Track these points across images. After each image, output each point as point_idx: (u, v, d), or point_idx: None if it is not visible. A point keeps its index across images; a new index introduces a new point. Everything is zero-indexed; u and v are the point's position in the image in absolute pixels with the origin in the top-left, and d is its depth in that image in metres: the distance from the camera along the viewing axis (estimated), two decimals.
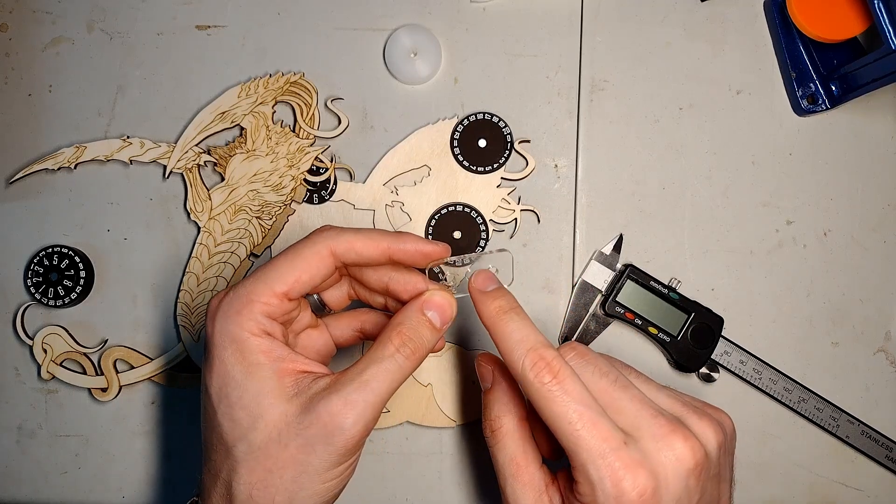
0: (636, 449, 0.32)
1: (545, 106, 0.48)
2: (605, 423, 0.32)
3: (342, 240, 0.35)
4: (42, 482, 0.48)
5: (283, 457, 0.33)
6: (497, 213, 0.48)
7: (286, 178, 0.47)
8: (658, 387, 0.36)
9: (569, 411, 0.32)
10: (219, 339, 0.34)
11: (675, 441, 0.32)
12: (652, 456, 0.32)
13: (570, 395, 0.33)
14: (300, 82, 0.48)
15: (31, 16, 0.49)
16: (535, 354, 0.34)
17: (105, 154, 0.48)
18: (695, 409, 0.35)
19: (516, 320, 0.35)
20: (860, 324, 0.48)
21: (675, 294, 0.46)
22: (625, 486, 0.31)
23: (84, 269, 0.47)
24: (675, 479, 0.32)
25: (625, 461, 0.32)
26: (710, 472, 0.34)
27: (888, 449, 0.47)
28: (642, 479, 0.31)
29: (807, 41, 0.47)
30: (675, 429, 0.33)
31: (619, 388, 0.34)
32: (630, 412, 0.33)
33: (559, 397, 0.33)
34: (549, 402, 0.33)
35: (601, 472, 0.32)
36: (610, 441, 0.32)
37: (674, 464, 0.32)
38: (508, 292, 0.37)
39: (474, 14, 0.49)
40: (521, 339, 0.34)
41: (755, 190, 0.48)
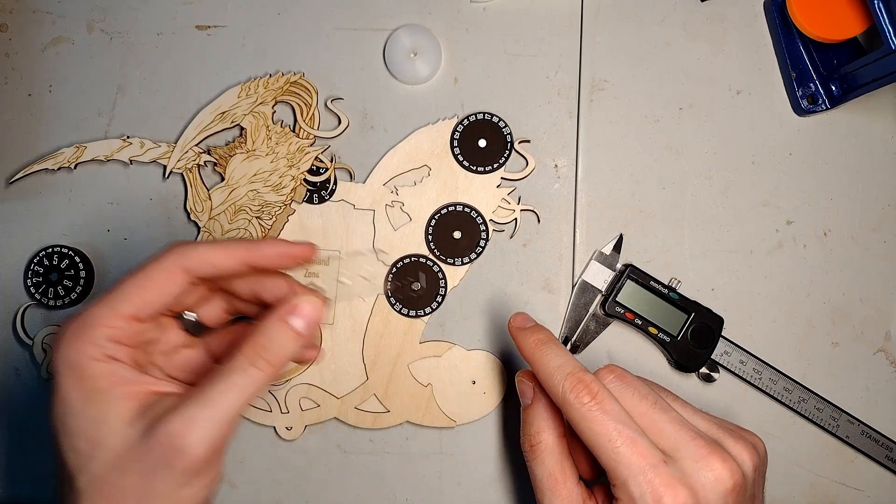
0: (676, 468, 0.33)
1: (545, 106, 0.48)
2: (645, 441, 0.33)
3: (194, 255, 0.34)
4: (42, 482, 0.48)
5: (125, 485, 0.31)
6: (497, 213, 0.48)
7: (286, 178, 0.47)
8: (694, 410, 0.37)
9: (609, 430, 0.33)
10: (59, 366, 0.32)
11: (715, 462, 0.33)
12: (692, 475, 0.33)
13: (610, 414, 0.33)
14: (300, 82, 0.48)
15: (31, 16, 0.49)
16: (574, 378, 0.35)
17: (105, 154, 0.48)
18: (730, 432, 0.36)
19: (554, 349, 0.37)
20: (860, 324, 0.48)
21: (675, 294, 0.46)
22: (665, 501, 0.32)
23: (84, 269, 0.47)
24: (714, 499, 0.33)
25: (665, 478, 0.32)
26: (746, 493, 0.34)
27: (888, 449, 0.47)
28: (682, 496, 0.32)
29: (807, 41, 0.47)
30: (713, 450, 0.33)
31: (658, 411, 0.35)
32: (670, 434, 0.34)
33: (599, 417, 0.33)
34: (590, 421, 0.33)
35: (642, 488, 0.32)
36: (650, 458, 0.33)
37: (713, 484, 0.33)
38: (544, 327, 0.39)
39: (474, 14, 0.49)
40: (560, 366, 0.36)
41: (755, 190, 0.48)
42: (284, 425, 0.47)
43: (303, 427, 0.47)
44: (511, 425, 0.47)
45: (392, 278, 0.47)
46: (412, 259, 0.47)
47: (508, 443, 0.47)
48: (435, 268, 0.47)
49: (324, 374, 0.47)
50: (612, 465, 0.33)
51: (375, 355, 0.47)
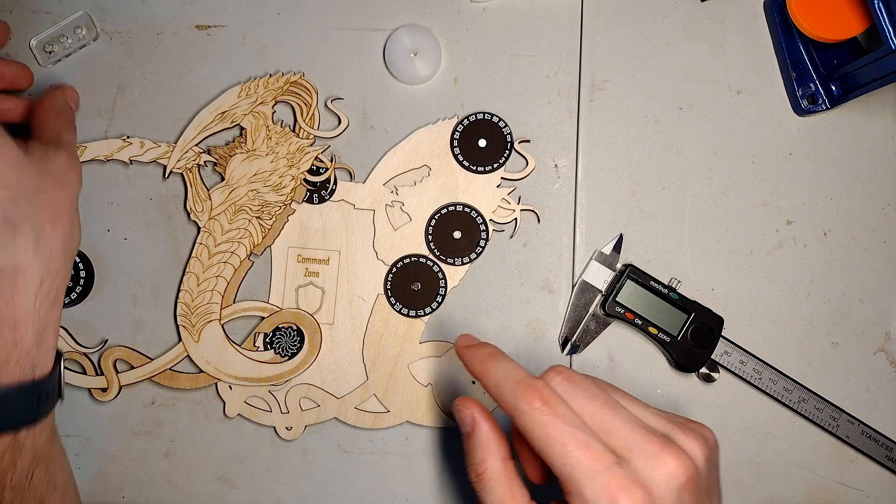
0: (629, 469, 0.32)
1: (545, 106, 0.48)
2: (597, 444, 0.33)
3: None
4: None
5: None
6: (497, 212, 0.48)
7: (286, 177, 0.47)
8: (644, 405, 0.37)
9: (561, 435, 0.33)
10: None
11: (667, 458, 0.33)
12: (645, 474, 0.32)
13: (562, 419, 0.33)
14: (300, 82, 0.48)
15: (31, 16, 0.49)
16: (524, 384, 0.34)
17: (105, 154, 0.48)
18: (680, 426, 0.35)
19: (502, 360, 0.36)
20: (860, 324, 0.48)
21: (675, 294, 0.46)
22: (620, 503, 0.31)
23: (84, 269, 0.47)
24: (669, 496, 0.32)
25: (619, 480, 0.32)
26: (702, 483, 0.34)
27: (888, 449, 0.47)
28: (638, 497, 0.32)
29: (807, 41, 0.47)
30: (665, 447, 0.33)
31: (608, 410, 0.34)
32: (621, 433, 0.34)
33: (551, 422, 0.33)
34: (542, 427, 0.33)
35: (597, 493, 0.32)
36: (603, 461, 0.32)
37: (667, 481, 0.32)
38: (490, 343, 0.38)
39: (474, 14, 0.49)
40: (508, 375, 0.35)
41: (755, 190, 0.48)
42: (284, 425, 0.47)
43: (303, 427, 0.47)
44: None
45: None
46: (412, 259, 0.47)
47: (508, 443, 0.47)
48: (435, 268, 0.47)
49: (324, 374, 0.47)
50: (566, 472, 0.33)
51: (375, 355, 0.47)
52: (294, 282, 0.47)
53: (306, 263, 0.48)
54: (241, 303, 0.47)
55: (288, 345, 0.47)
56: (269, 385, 0.47)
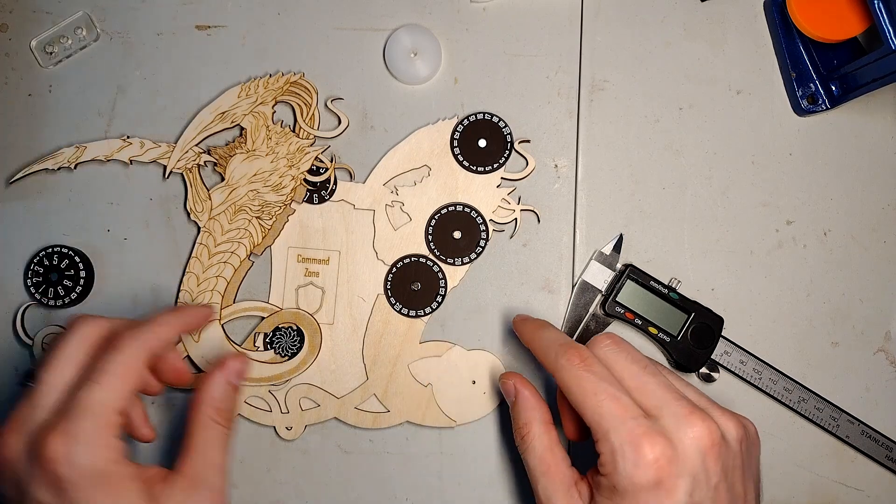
0: (657, 423, 0.34)
1: (545, 106, 0.48)
2: (627, 399, 0.35)
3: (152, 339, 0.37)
4: None
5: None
6: (497, 213, 0.48)
7: (286, 178, 0.47)
8: (687, 383, 0.38)
9: (594, 386, 0.35)
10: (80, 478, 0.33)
11: (695, 421, 0.34)
12: (671, 430, 0.34)
13: (596, 374, 0.36)
14: (300, 82, 0.48)
15: (30, 16, 0.49)
16: (566, 346, 0.38)
17: (105, 154, 0.48)
18: (719, 407, 0.37)
19: (550, 329, 0.41)
20: (860, 324, 0.48)
21: (675, 294, 0.46)
22: (644, 451, 0.33)
23: (84, 269, 0.47)
24: (692, 454, 0.34)
25: (644, 429, 0.34)
26: (730, 460, 0.35)
27: (888, 449, 0.47)
28: (660, 445, 0.33)
29: (807, 41, 0.47)
30: (695, 411, 0.35)
31: (648, 374, 0.37)
32: (655, 394, 0.36)
33: (586, 376, 0.36)
34: (578, 380, 0.36)
35: (622, 438, 0.34)
36: (631, 412, 0.35)
37: (691, 440, 0.34)
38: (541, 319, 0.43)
39: (474, 14, 0.49)
40: (554, 339, 0.39)
41: (755, 190, 0.48)
42: (284, 425, 0.47)
43: (303, 427, 0.47)
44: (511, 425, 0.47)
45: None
46: (412, 259, 0.47)
47: (508, 443, 0.47)
48: (435, 268, 0.47)
49: (324, 374, 0.47)
50: (595, 420, 0.35)
51: (375, 355, 0.47)
52: (294, 282, 0.47)
53: (306, 263, 0.48)
54: (241, 303, 0.47)
55: (288, 345, 0.47)
56: (269, 385, 0.47)
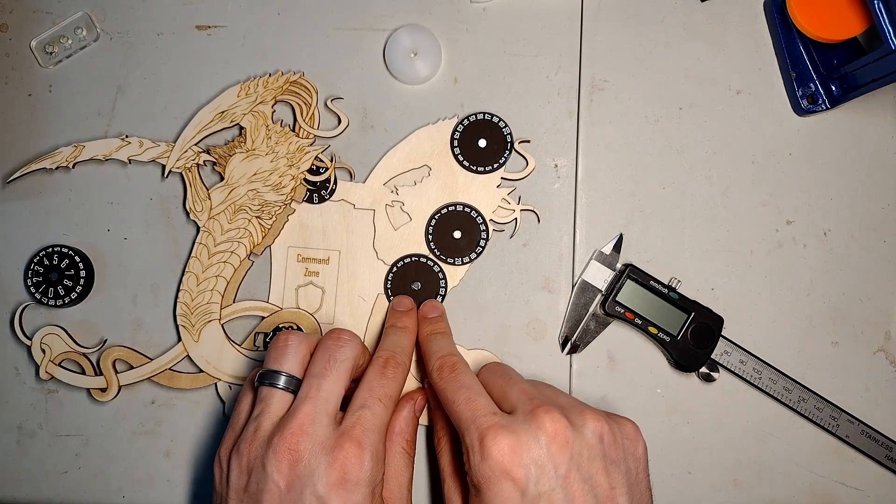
0: (508, 420, 0.37)
1: (545, 106, 0.48)
2: (483, 400, 0.39)
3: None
4: (42, 482, 0.48)
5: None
6: (497, 212, 0.48)
7: (286, 177, 0.47)
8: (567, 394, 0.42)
9: (455, 393, 0.39)
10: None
11: (540, 413, 0.37)
12: (518, 424, 0.37)
13: (460, 381, 0.40)
14: (300, 82, 0.48)
15: (30, 16, 0.49)
16: (444, 359, 0.42)
17: (103, 153, 0.48)
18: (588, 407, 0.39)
19: (440, 339, 0.44)
20: (860, 324, 0.48)
21: (675, 294, 0.46)
22: (487, 443, 0.36)
23: (84, 269, 0.47)
24: (535, 443, 0.36)
25: (492, 424, 0.37)
26: (584, 450, 0.37)
27: (888, 449, 0.47)
28: (504, 438, 0.36)
29: (807, 41, 0.47)
30: (547, 409, 0.37)
31: (510, 384, 0.41)
32: (513, 398, 0.39)
33: (451, 384, 0.40)
34: (445, 389, 0.40)
35: (472, 436, 0.37)
36: (483, 410, 0.38)
37: (534, 431, 0.36)
38: (444, 320, 0.46)
39: (474, 14, 0.49)
40: (437, 350, 0.43)
41: (755, 190, 0.48)
42: None
43: None
44: None
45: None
46: (412, 259, 0.47)
47: None
48: (435, 268, 0.47)
49: None
50: (456, 423, 0.39)
51: None
52: (294, 281, 0.47)
53: (306, 263, 0.48)
54: (241, 302, 0.47)
55: None
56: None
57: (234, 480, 0.38)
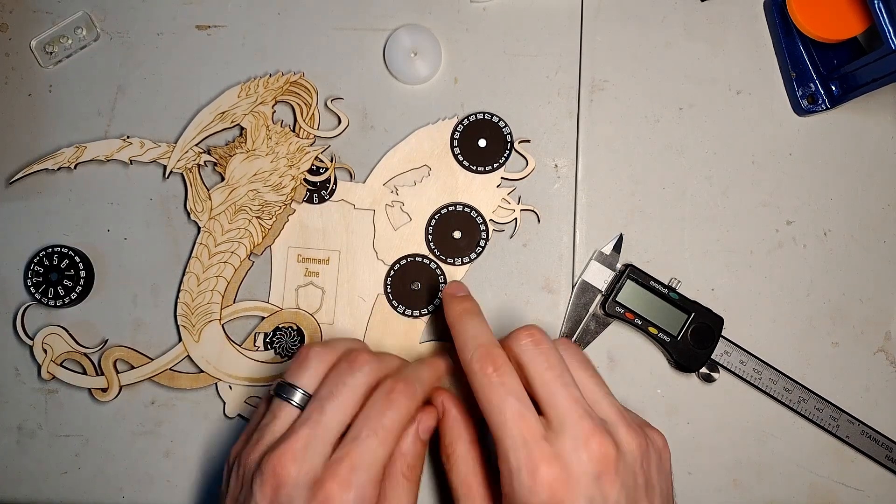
0: (556, 444, 0.34)
1: (545, 106, 0.48)
2: (532, 417, 0.35)
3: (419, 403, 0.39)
4: (42, 482, 0.48)
5: None
6: (497, 212, 0.48)
7: (286, 177, 0.47)
8: (606, 393, 0.38)
9: (503, 402, 0.35)
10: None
11: (593, 443, 0.34)
12: (568, 453, 0.34)
13: (506, 386, 0.35)
14: (300, 82, 0.48)
15: (30, 16, 0.49)
16: (484, 349, 0.37)
17: (105, 154, 0.48)
18: (626, 420, 0.37)
19: (475, 321, 0.39)
20: (860, 324, 0.48)
21: (675, 294, 0.46)
22: (540, 476, 0.33)
23: (84, 269, 0.47)
24: (587, 478, 0.34)
25: (543, 453, 0.34)
26: (630, 479, 0.35)
27: (888, 449, 0.47)
28: (555, 471, 0.33)
29: (807, 41, 0.47)
30: (595, 431, 0.35)
31: (559, 385, 0.36)
32: (562, 409, 0.35)
33: (496, 388, 0.36)
34: (487, 390, 0.36)
35: (520, 461, 0.34)
36: (532, 433, 0.34)
37: (587, 463, 0.34)
38: (473, 299, 0.42)
39: (474, 14, 0.49)
40: (474, 336, 0.38)
41: (755, 190, 0.48)
42: None
43: None
44: None
45: None
46: (412, 259, 0.47)
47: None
48: (435, 268, 0.47)
49: None
50: (498, 435, 0.35)
51: None
52: (294, 282, 0.47)
53: (306, 263, 0.48)
54: (241, 303, 0.47)
55: (288, 345, 0.47)
56: (269, 385, 0.47)
57: (231, 486, 0.38)
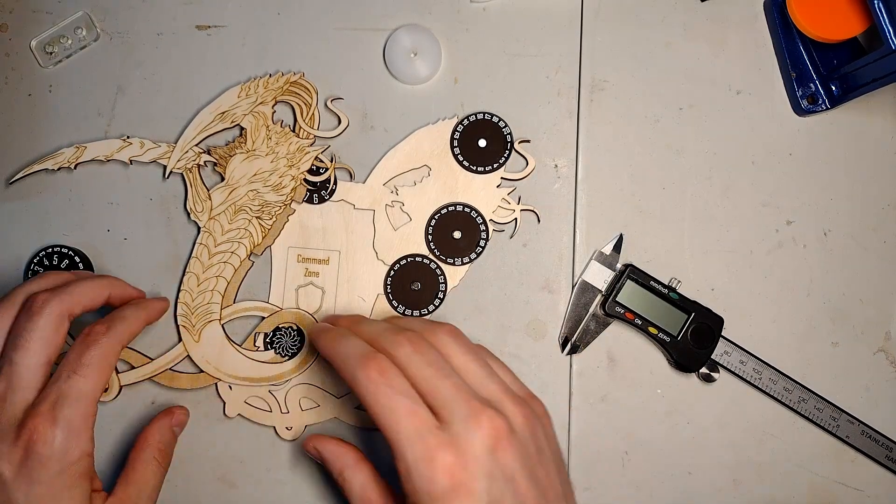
0: (448, 432, 0.35)
1: (545, 106, 0.48)
2: (423, 411, 0.36)
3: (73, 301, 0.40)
4: None
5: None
6: (497, 212, 0.48)
7: (286, 177, 0.47)
8: (489, 372, 0.39)
9: (391, 401, 0.36)
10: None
11: (482, 418, 0.35)
12: (461, 436, 0.35)
13: (394, 387, 0.36)
14: (300, 82, 0.48)
15: (31, 16, 0.49)
16: (365, 358, 0.37)
17: (105, 154, 0.48)
18: (511, 395, 0.38)
19: (348, 340, 0.39)
20: (860, 324, 0.48)
21: (675, 294, 0.46)
22: (437, 464, 0.34)
23: (84, 269, 0.47)
24: (482, 455, 0.35)
25: (437, 441, 0.35)
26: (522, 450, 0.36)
27: (888, 449, 0.47)
28: (451, 456, 0.34)
29: (807, 41, 0.47)
30: (482, 408, 0.36)
31: (441, 377, 0.37)
32: (447, 398, 0.36)
33: (384, 390, 0.36)
34: (375, 395, 0.36)
35: (416, 454, 0.35)
36: (425, 425, 0.35)
37: (480, 441, 0.35)
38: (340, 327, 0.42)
39: (474, 14, 0.49)
40: (352, 350, 0.38)
41: (755, 190, 0.48)
42: (284, 425, 0.47)
43: (303, 427, 0.47)
44: None
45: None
46: (412, 259, 0.47)
47: None
48: (435, 268, 0.47)
49: (324, 374, 0.47)
50: (392, 436, 0.35)
51: None
52: (294, 282, 0.47)
53: (306, 263, 0.48)
54: (241, 303, 0.47)
55: (288, 345, 0.47)
56: (269, 385, 0.47)
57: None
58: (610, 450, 0.47)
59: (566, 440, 0.47)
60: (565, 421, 0.47)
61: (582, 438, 0.47)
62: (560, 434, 0.47)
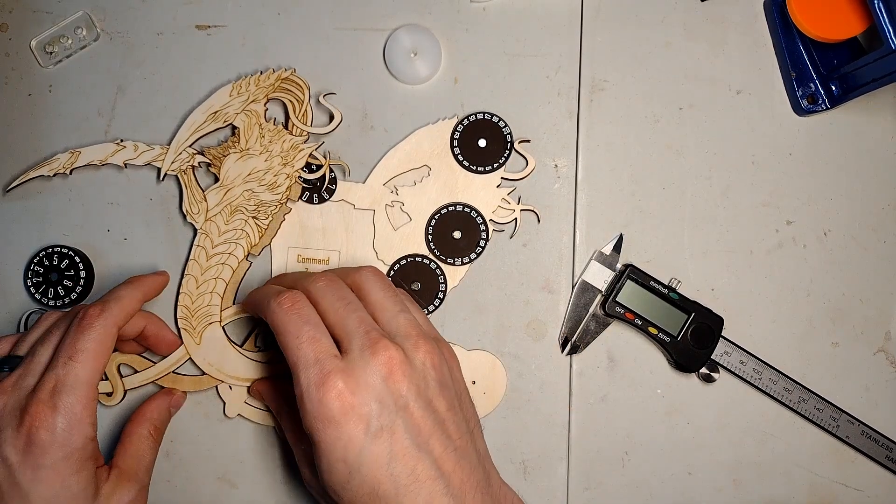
0: (346, 359, 0.37)
1: (545, 106, 0.48)
2: (326, 339, 0.38)
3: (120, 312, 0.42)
4: None
5: None
6: (497, 212, 0.48)
7: (281, 176, 0.47)
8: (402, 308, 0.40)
9: (297, 328, 0.38)
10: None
11: (378, 350, 0.37)
12: (356, 363, 0.36)
13: (302, 316, 0.38)
14: (291, 78, 0.48)
15: (31, 16, 0.49)
16: (280, 293, 0.39)
17: (99, 159, 0.48)
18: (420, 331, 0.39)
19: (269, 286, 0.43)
20: (860, 324, 0.48)
21: (675, 294, 0.46)
22: (327, 387, 0.36)
23: (84, 269, 0.47)
24: (374, 381, 0.36)
25: (333, 366, 0.36)
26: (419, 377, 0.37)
27: (888, 449, 0.47)
28: (342, 381, 0.36)
29: (807, 41, 0.47)
30: (380, 339, 0.37)
31: (350, 311, 0.39)
32: (350, 329, 0.38)
33: (292, 317, 0.38)
34: (284, 321, 0.38)
35: (310, 379, 0.36)
36: (325, 352, 0.37)
37: (374, 369, 0.36)
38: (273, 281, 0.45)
39: (474, 14, 0.49)
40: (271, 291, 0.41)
41: (755, 190, 0.48)
42: None
43: None
44: (510, 424, 0.47)
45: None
46: (412, 259, 0.47)
47: (509, 441, 0.47)
48: (435, 268, 0.47)
49: None
50: (292, 361, 0.37)
51: None
52: None
53: (306, 263, 0.48)
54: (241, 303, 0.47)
55: None
56: None
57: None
58: (610, 450, 0.47)
59: (566, 440, 0.47)
60: (565, 421, 0.47)
61: (582, 438, 0.47)
62: (560, 434, 0.47)
